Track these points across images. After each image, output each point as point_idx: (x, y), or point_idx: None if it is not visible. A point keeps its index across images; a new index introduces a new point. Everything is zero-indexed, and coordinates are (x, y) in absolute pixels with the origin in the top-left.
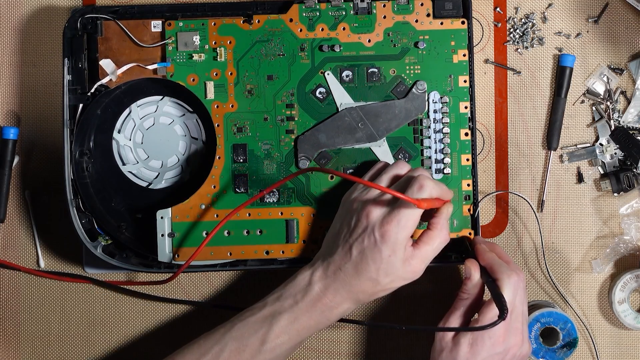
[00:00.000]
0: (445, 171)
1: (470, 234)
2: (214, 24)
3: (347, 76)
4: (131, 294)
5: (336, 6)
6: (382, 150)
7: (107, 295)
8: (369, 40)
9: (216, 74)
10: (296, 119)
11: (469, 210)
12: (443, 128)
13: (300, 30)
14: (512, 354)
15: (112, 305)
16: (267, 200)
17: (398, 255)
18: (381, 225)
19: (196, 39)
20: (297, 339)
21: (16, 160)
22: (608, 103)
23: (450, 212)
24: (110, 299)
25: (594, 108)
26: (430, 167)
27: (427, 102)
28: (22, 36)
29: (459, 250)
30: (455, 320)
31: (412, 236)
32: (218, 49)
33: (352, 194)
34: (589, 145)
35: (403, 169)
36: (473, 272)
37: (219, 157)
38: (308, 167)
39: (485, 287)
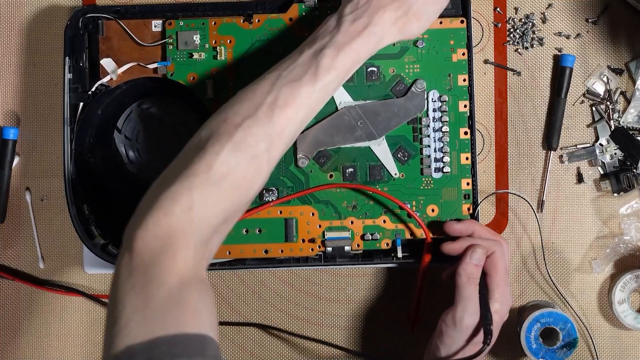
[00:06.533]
0: (444, 170)
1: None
2: (214, 24)
3: None
4: None
5: (335, 6)
6: (381, 149)
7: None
8: None
9: (216, 73)
10: None
11: (469, 209)
12: (442, 127)
13: (300, 30)
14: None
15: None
16: (266, 199)
17: None
18: None
19: (196, 38)
20: (343, 75)
21: (16, 160)
22: (608, 103)
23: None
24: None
25: (593, 108)
26: (429, 166)
27: (426, 101)
28: (22, 36)
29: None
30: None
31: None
32: (218, 48)
33: None
34: (589, 145)
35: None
36: (461, 242)
37: None
38: None
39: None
